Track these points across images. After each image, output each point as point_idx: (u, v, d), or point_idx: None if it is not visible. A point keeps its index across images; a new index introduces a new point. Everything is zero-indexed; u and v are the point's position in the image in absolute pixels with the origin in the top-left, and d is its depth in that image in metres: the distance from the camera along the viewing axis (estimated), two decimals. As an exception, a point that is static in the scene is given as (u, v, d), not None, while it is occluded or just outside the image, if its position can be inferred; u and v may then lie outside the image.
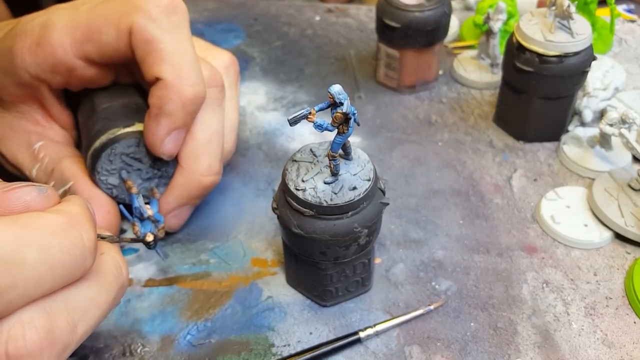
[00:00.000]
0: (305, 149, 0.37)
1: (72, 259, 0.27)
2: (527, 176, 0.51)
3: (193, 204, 0.45)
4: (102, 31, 0.39)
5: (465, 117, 0.57)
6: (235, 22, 0.71)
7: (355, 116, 0.33)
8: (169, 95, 0.39)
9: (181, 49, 0.39)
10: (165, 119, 0.39)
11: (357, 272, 0.40)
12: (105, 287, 0.31)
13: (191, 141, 0.42)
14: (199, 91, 0.40)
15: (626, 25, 0.68)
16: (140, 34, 0.38)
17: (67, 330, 0.28)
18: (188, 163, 0.42)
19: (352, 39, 0.68)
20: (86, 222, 0.29)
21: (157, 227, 0.40)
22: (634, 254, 0.44)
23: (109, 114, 0.42)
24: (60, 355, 0.28)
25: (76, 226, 0.28)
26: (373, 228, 0.37)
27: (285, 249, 0.41)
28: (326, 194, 0.34)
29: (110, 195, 0.43)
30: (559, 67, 0.48)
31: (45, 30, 0.39)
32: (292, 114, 0.32)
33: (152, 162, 0.43)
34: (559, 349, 0.39)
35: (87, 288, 0.30)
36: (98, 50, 0.40)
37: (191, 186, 0.43)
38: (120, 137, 0.41)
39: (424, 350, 0.39)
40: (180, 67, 0.39)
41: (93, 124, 0.42)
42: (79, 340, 0.29)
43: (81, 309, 0.29)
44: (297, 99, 0.60)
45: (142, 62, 0.39)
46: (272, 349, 0.39)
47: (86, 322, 0.29)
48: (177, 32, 0.39)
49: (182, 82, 0.39)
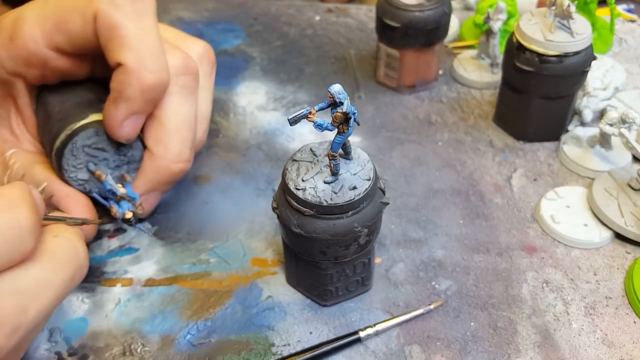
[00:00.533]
0: (305, 149, 0.37)
1: (7, 241, 0.28)
2: (527, 176, 0.51)
3: (162, 189, 0.45)
4: (70, 20, 0.39)
5: (465, 117, 0.57)
6: (235, 22, 0.71)
7: (355, 116, 0.33)
8: (128, 80, 0.39)
9: (144, 36, 0.39)
10: (124, 104, 0.40)
11: (357, 272, 0.40)
12: (58, 268, 0.31)
13: (161, 128, 0.42)
14: (160, 78, 0.40)
15: (626, 25, 0.68)
16: (104, 20, 0.39)
17: (16, 312, 0.29)
18: (157, 149, 0.42)
19: (352, 38, 0.68)
20: (23, 205, 0.29)
21: (133, 204, 0.42)
22: (634, 254, 0.44)
23: (63, 114, 0.42)
24: (10, 336, 0.28)
25: (11, 208, 0.29)
26: (373, 228, 0.37)
27: (285, 249, 0.41)
28: (326, 193, 0.34)
29: (84, 191, 0.43)
30: (559, 66, 0.48)
31: (17, 24, 0.40)
32: (292, 114, 0.33)
33: (116, 148, 0.43)
34: (559, 348, 0.39)
35: (36, 269, 0.30)
36: (67, 40, 0.40)
37: (160, 172, 0.43)
38: (78, 130, 0.41)
39: (424, 350, 0.39)
40: (142, 53, 0.39)
41: (51, 129, 0.42)
42: (33, 321, 0.30)
43: (31, 290, 0.30)
44: (297, 99, 0.60)
45: (105, 48, 0.39)
46: (272, 348, 0.39)
47: (39, 303, 0.30)
48: (141, 18, 0.40)
49: (142, 68, 0.39)
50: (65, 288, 0.32)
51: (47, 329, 0.40)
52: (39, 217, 0.30)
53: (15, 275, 0.29)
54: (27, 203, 0.29)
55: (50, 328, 0.40)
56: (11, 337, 0.29)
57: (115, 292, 0.43)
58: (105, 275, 0.44)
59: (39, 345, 0.40)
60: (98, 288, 0.43)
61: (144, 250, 0.46)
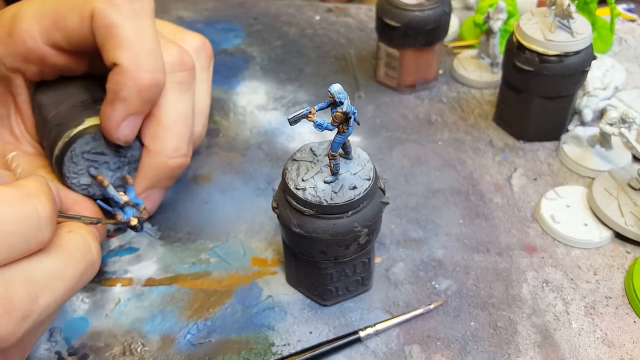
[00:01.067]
0: (305, 148, 0.37)
1: (26, 229, 0.29)
2: (527, 175, 0.51)
3: (163, 186, 0.44)
4: (67, 18, 0.39)
5: (465, 117, 0.57)
6: (235, 21, 0.71)
7: (355, 115, 0.33)
8: (124, 81, 0.38)
9: (141, 36, 0.39)
10: (120, 105, 0.39)
11: (357, 272, 0.40)
12: (70, 261, 0.32)
13: (157, 124, 0.42)
14: (157, 78, 0.39)
15: (626, 24, 0.68)
16: (100, 19, 0.38)
17: (27, 300, 0.29)
18: (154, 145, 0.42)
19: (352, 38, 0.68)
20: (42, 195, 0.30)
21: (138, 209, 0.41)
22: (634, 253, 0.44)
23: (59, 119, 0.42)
24: (20, 323, 0.29)
25: (31, 198, 0.29)
26: (373, 227, 0.37)
27: (285, 249, 0.41)
28: (326, 193, 0.34)
29: (88, 195, 0.43)
30: (559, 66, 0.48)
31: (15, 20, 0.40)
32: (292, 113, 0.33)
33: (115, 150, 0.43)
34: (559, 348, 0.39)
35: (50, 260, 0.31)
36: (65, 37, 0.40)
37: (158, 168, 0.42)
38: (74, 137, 0.41)
39: (423, 350, 0.39)
40: (138, 54, 0.39)
41: (49, 134, 0.42)
42: (43, 311, 0.30)
43: (43, 281, 0.30)
44: (297, 99, 0.60)
45: (102, 48, 0.39)
46: (272, 348, 0.39)
47: (49, 294, 0.31)
48: (138, 19, 0.39)
49: (138, 68, 0.38)
50: (76, 282, 0.33)
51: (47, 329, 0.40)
52: (56, 209, 0.31)
53: (30, 265, 0.30)
54: (45, 194, 0.30)
55: (51, 328, 0.40)
56: (22, 324, 0.29)
57: (115, 292, 0.43)
58: (105, 275, 0.44)
59: (39, 345, 0.40)
60: (98, 288, 0.43)
61: (144, 250, 0.46)
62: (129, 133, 0.41)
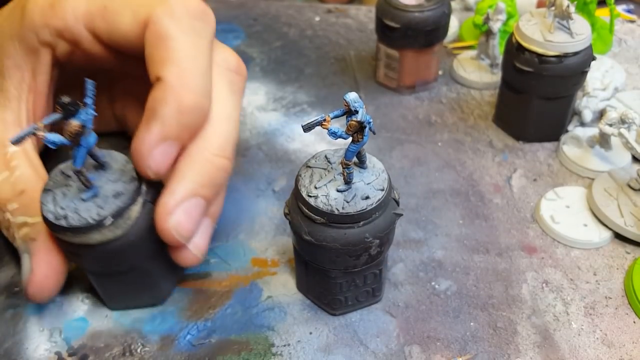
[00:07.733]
0: (320, 155, 0.37)
1: None
2: (526, 176, 0.51)
3: (204, 195, 0.37)
4: (119, 12, 0.37)
5: (465, 117, 0.57)
6: (235, 22, 0.71)
7: (370, 124, 0.32)
8: (165, 97, 0.35)
9: (194, 55, 0.36)
10: (157, 124, 0.35)
11: (367, 282, 0.39)
12: None
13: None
14: (200, 102, 0.36)
15: (626, 25, 0.68)
16: (156, 27, 0.36)
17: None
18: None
19: (352, 39, 0.68)
20: None
21: None
22: (634, 254, 0.44)
23: None
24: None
25: None
26: (385, 239, 0.36)
27: (296, 255, 0.40)
28: (338, 202, 0.34)
29: None
30: (558, 67, 0.48)
31: None
32: (307, 121, 0.32)
33: None
34: (559, 348, 0.39)
35: None
36: (108, 30, 0.38)
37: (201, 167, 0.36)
38: None
39: (423, 350, 0.39)
40: (187, 72, 0.35)
41: None
42: None
43: None
44: (297, 100, 0.60)
45: (149, 58, 0.36)
46: (272, 348, 0.39)
47: None
48: (196, 37, 0.36)
49: (183, 86, 0.35)
50: None
51: (47, 329, 0.40)
52: None
53: None
54: None
55: (51, 328, 0.40)
56: None
57: (115, 293, 0.43)
58: (105, 276, 0.44)
59: (39, 345, 0.40)
60: (98, 288, 0.43)
61: (144, 251, 0.46)
62: (161, 162, 0.35)
